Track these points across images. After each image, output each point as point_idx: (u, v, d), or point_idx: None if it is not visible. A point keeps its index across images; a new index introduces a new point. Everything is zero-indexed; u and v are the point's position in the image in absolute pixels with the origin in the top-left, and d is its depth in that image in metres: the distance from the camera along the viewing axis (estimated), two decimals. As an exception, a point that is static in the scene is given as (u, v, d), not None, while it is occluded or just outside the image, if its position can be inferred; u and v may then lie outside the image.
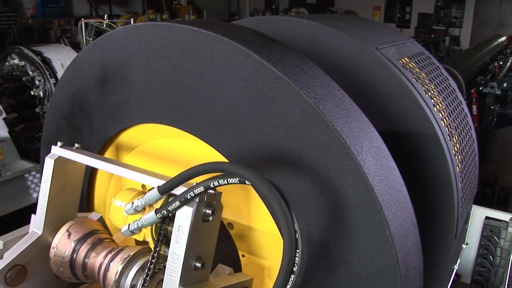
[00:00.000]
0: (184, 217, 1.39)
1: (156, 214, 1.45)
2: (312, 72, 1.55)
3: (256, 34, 1.73)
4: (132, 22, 7.39)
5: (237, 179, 1.26)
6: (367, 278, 1.49)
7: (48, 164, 1.86)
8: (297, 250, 1.21)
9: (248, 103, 1.56)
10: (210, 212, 1.42)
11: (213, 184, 1.30)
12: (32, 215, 1.96)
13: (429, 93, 2.21)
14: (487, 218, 3.30)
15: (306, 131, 1.45)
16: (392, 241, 1.41)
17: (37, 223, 1.91)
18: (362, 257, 1.47)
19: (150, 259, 1.56)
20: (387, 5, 21.84)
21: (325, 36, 2.13)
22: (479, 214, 3.30)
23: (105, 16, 8.02)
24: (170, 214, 1.45)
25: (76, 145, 1.87)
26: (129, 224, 1.55)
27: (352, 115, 1.50)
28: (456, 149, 2.22)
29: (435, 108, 2.15)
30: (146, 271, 1.56)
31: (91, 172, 2.29)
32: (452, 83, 2.61)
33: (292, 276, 1.22)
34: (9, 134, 5.19)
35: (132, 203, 1.53)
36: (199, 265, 1.46)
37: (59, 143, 1.85)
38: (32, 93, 5.55)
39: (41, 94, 5.52)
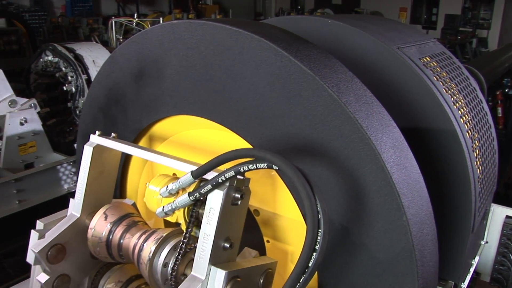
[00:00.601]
0: (215, 200, 1.51)
1: (189, 197, 1.57)
2: (336, 68, 1.65)
3: (284, 32, 1.84)
4: (161, 21, 7.57)
5: (265, 164, 1.38)
6: (384, 262, 1.58)
7: (87, 151, 1.99)
8: (319, 230, 1.32)
9: (275, 96, 1.67)
10: (239, 196, 1.53)
11: (243, 169, 1.42)
12: (71, 199, 2.10)
13: (449, 91, 2.29)
14: (507, 217, 3.35)
15: (329, 122, 1.55)
16: (408, 227, 1.51)
17: (75, 206, 2.05)
18: (380, 242, 1.57)
19: (182, 239, 1.68)
20: (413, 6, 21.67)
21: (349, 35, 2.23)
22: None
23: (135, 15, 8.22)
24: (201, 197, 1.57)
25: (112, 134, 2.00)
26: (163, 206, 1.68)
27: (372, 109, 1.60)
28: (474, 146, 2.30)
29: (454, 105, 2.23)
30: (178, 250, 1.69)
31: (124, 163, 2.42)
32: (473, 82, 2.68)
33: (314, 254, 1.33)
34: (42, 128, 5.41)
35: (167, 186, 1.66)
36: (228, 246, 1.57)
37: (97, 132, 1.99)
38: (64, 88, 5.76)
39: (73, 89, 5.73)
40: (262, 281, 1.66)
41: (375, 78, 2.19)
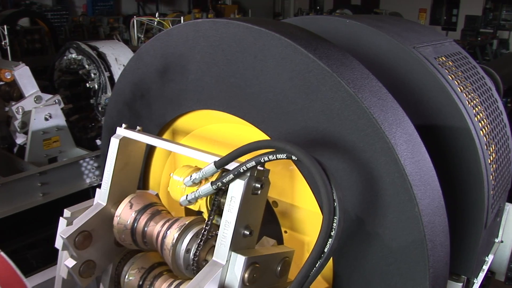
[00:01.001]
0: (236, 189, 1.60)
1: (212, 186, 1.66)
2: (353, 66, 1.73)
3: (303, 31, 1.92)
4: (182, 20, 7.71)
5: (285, 154, 1.46)
6: (397, 251, 1.66)
7: (113, 143, 2.09)
8: (335, 217, 1.39)
9: (295, 91, 1.76)
10: (259, 186, 1.62)
11: (264, 159, 1.50)
12: (97, 189, 2.20)
13: (464, 90, 2.34)
14: (522, 216, 3.38)
15: (346, 117, 1.63)
16: (420, 217, 1.58)
17: (101, 196, 2.15)
18: (393, 232, 1.64)
19: (203, 227, 1.77)
20: (433, 7, 21.51)
21: (366, 35, 2.31)
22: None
23: (156, 14, 8.36)
24: (223, 187, 1.66)
25: (138, 127, 2.10)
26: (187, 195, 1.77)
27: (387, 104, 1.67)
28: (488, 143, 2.35)
29: (468, 104, 2.28)
30: (200, 237, 1.78)
31: (147, 156, 2.52)
32: (488, 82, 2.73)
33: (330, 240, 1.41)
34: (66, 123, 5.56)
35: (191, 176, 1.75)
36: (247, 233, 1.66)
37: (123, 125, 2.09)
38: (87, 85, 5.90)
39: (96, 86, 5.86)
40: (279, 268, 1.74)
41: (391, 77, 2.26)
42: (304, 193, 1.89)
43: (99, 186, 2.23)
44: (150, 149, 2.49)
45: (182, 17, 8.66)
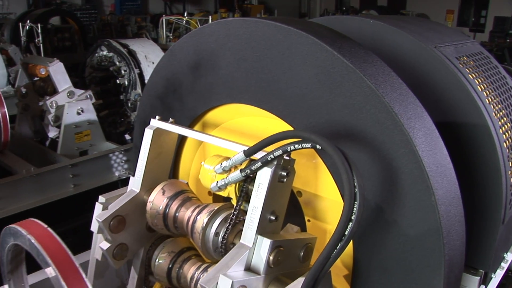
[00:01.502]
0: (264, 176, 1.71)
1: (241, 173, 1.78)
2: (375, 63, 1.84)
3: (329, 30, 2.03)
4: (210, 20, 7.88)
5: (310, 144, 1.57)
6: (414, 238, 1.75)
7: (147, 134, 2.22)
8: (355, 202, 1.50)
9: (320, 86, 1.87)
10: (285, 174, 1.73)
11: (290, 148, 1.61)
12: (131, 177, 2.34)
13: (484, 89, 2.42)
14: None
15: (367, 111, 1.74)
16: (436, 206, 1.67)
17: (135, 183, 2.28)
18: (410, 220, 1.74)
19: (232, 212, 1.89)
20: (461, 8, 21.27)
21: (389, 34, 2.41)
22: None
23: (185, 13, 8.55)
24: (252, 174, 1.78)
25: (170, 119, 2.23)
26: (217, 182, 1.89)
27: (407, 100, 1.77)
28: (507, 141, 2.42)
29: (488, 102, 2.36)
30: (228, 221, 1.90)
31: (178, 148, 2.65)
32: (510, 81, 2.80)
33: (350, 223, 1.51)
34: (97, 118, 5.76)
35: (221, 164, 1.88)
36: (273, 218, 1.77)
37: (157, 117, 2.22)
38: (117, 81, 6.08)
39: (126, 82, 6.04)
40: (302, 253, 1.84)
41: (412, 75, 2.35)
42: (327, 183, 1.99)
43: (127, 179, 2.37)
44: (181, 142, 2.63)
45: (210, 16, 8.84)
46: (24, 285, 2.11)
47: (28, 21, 10.44)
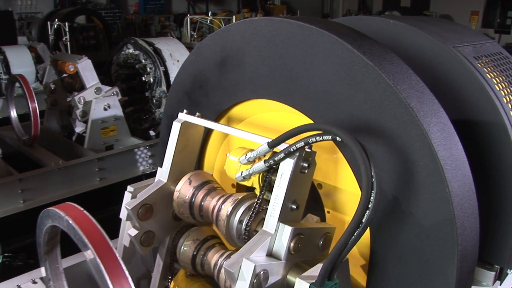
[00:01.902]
0: (286, 166, 1.81)
1: (264, 164, 1.89)
2: (393, 61, 1.92)
3: (350, 29, 2.12)
4: (233, 20, 8.01)
5: (330, 136, 1.67)
6: (429, 229, 1.83)
7: (175, 127, 2.33)
8: (372, 191, 1.59)
9: (341, 83, 1.96)
10: (307, 165, 1.83)
11: (312, 140, 1.71)
12: (159, 167, 2.46)
13: (502, 88, 2.48)
14: None
15: (385, 106, 1.83)
16: (450, 198, 1.74)
17: (162, 174, 2.39)
18: (425, 211, 1.82)
19: (255, 201, 2.00)
20: (486, 9, 20.94)
21: (408, 34, 2.49)
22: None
23: (209, 13, 8.71)
24: (275, 165, 1.88)
25: (197, 113, 2.34)
26: (242, 172, 2.00)
27: (423, 96, 1.86)
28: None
29: (505, 101, 2.42)
30: (251, 210, 2.01)
31: (203, 142, 2.76)
32: (529, 82, 2.85)
33: (367, 211, 1.60)
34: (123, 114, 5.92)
35: (246, 155, 1.98)
36: (294, 207, 1.87)
37: (185, 111, 2.34)
38: (143, 79, 6.23)
39: (151, 80, 6.19)
40: (321, 242, 1.93)
41: (430, 74, 2.42)
42: (347, 176, 2.08)
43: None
44: (206, 136, 2.73)
45: (234, 16, 8.97)
46: (58, 266, 2.24)
47: (56, 20, 10.69)
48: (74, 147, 5.92)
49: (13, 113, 6.02)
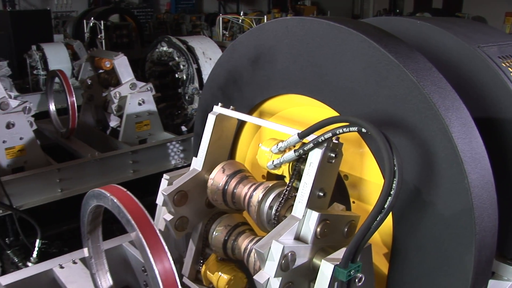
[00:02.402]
0: (315, 156, 1.94)
1: (294, 153, 2.02)
2: (417, 59, 2.04)
3: (377, 29, 2.25)
4: (265, 19, 8.17)
5: (356, 127, 1.79)
6: (448, 218, 1.92)
7: (210, 119, 2.49)
8: (394, 179, 1.70)
9: (367, 79, 2.09)
10: (334, 155, 1.96)
11: (339, 131, 1.84)
12: (194, 157, 2.60)
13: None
14: None
15: (409, 101, 1.94)
16: (469, 189, 1.84)
17: (197, 163, 2.54)
18: (445, 201, 1.92)
19: (285, 188, 2.14)
20: (521, 10, 20.57)
21: (434, 34, 2.60)
22: None
23: (241, 13, 8.89)
24: (304, 154, 2.01)
25: (231, 107, 2.49)
26: (273, 161, 2.14)
27: (445, 93, 1.96)
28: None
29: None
30: (281, 196, 2.14)
31: (236, 135, 2.91)
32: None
33: (389, 198, 1.72)
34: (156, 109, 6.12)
35: (277, 145, 2.12)
36: (322, 194, 1.99)
37: (220, 104, 2.49)
38: (176, 76, 6.42)
39: (184, 77, 6.37)
40: (346, 229, 2.05)
41: (456, 73, 2.52)
42: (372, 168, 2.20)
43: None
44: (238, 129, 2.88)
45: (265, 16, 9.14)
46: (99, 245, 2.42)
47: (92, 18, 11.00)
48: (109, 140, 6.14)
49: (52, 107, 6.26)
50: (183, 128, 6.55)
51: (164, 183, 2.59)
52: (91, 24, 10.76)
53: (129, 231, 1.88)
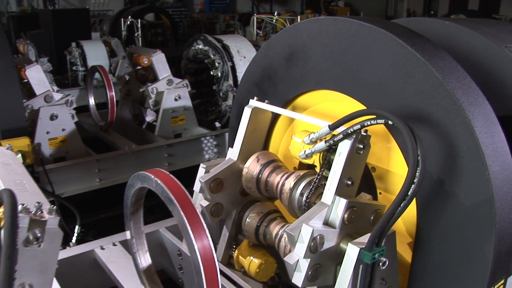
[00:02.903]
0: (344, 146, 2.09)
1: (325, 144, 2.17)
2: (443, 58, 2.15)
3: (405, 29, 2.37)
4: (298, 19, 8.31)
5: (383, 120, 1.93)
6: (470, 208, 2.02)
7: (246, 112, 2.65)
8: (418, 168, 1.83)
9: (395, 76, 2.22)
10: (362, 146, 2.10)
11: (367, 123, 1.98)
12: (229, 148, 2.77)
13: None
14: None
15: (434, 97, 2.06)
16: (490, 181, 1.94)
17: (233, 153, 2.70)
18: (467, 191, 2.02)
19: (316, 177, 2.28)
20: (562, 12, 20.09)
21: (462, 34, 2.71)
22: None
23: (275, 13, 9.05)
24: (334, 145, 2.16)
25: (266, 101, 2.65)
26: (305, 151, 2.29)
27: (469, 89, 2.07)
28: None
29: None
30: (312, 184, 2.29)
31: (269, 129, 3.06)
32: None
33: (413, 185, 1.84)
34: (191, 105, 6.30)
35: (309, 136, 2.27)
36: (350, 183, 2.13)
37: (255, 98, 2.65)
38: (211, 73, 6.61)
39: (219, 74, 6.55)
40: (372, 218, 2.18)
41: (483, 73, 2.61)
42: (398, 161, 2.32)
43: None
44: (272, 122, 3.03)
45: (298, 16, 9.29)
46: (140, 226, 2.60)
47: (129, 17, 11.31)
48: (145, 133, 6.36)
49: (92, 101, 6.53)
50: (217, 124, 6.72)
51: (201, 171, 2.75)
52: (128, 22, 11.06)
53: (171, 210, 2.03)
